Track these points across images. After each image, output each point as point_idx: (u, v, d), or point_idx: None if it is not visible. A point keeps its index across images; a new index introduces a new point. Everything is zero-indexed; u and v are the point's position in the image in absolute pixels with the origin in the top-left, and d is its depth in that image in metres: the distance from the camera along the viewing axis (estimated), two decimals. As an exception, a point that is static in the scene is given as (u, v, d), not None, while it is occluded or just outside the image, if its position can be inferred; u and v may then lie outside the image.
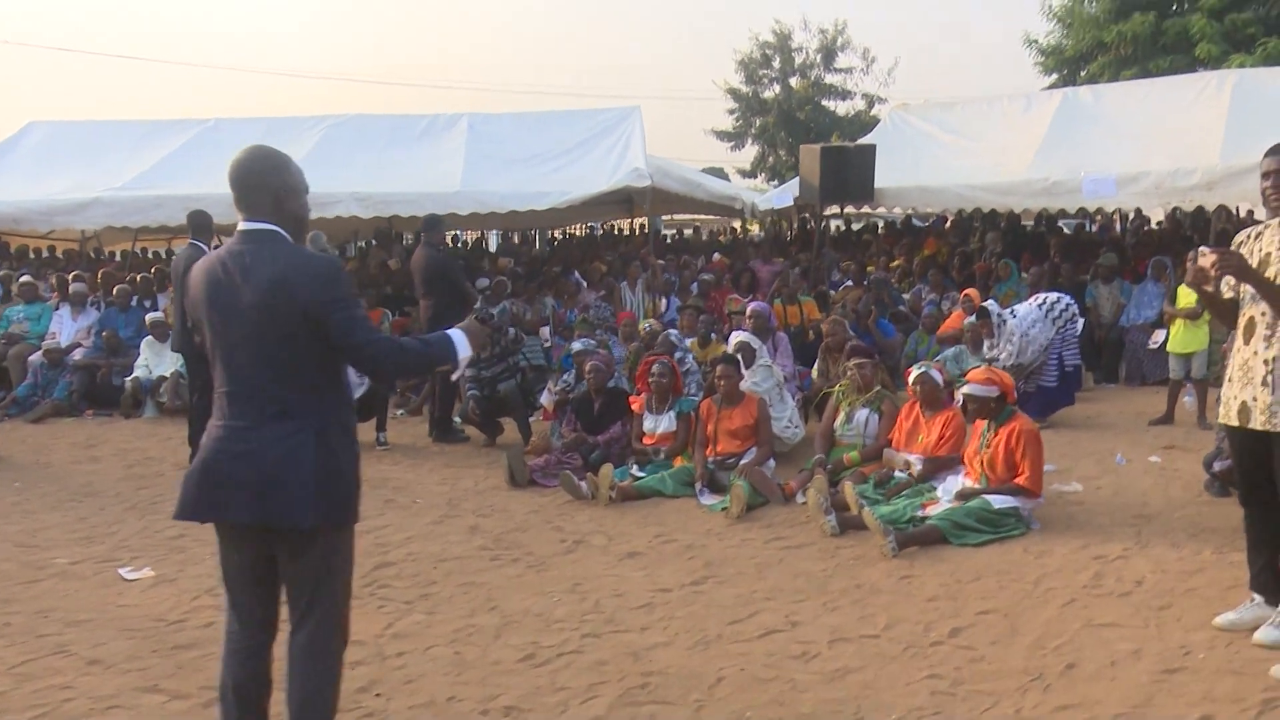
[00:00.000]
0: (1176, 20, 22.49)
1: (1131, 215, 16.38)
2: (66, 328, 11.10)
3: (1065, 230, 16.35)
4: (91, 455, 8.32)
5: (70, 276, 11.94)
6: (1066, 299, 8.71)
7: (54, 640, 4.33)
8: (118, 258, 16.26)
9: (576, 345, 8.30)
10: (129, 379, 10.24)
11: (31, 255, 16.32)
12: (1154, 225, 16.21)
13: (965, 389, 5.88)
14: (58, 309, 11.40)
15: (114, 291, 11.42)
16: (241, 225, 2.93)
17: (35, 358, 10.61)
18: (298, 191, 2.99)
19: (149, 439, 8.94)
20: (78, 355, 10.70)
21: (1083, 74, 24.13)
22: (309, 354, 2.86)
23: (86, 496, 6.90)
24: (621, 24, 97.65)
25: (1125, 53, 22.96)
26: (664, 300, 12.04)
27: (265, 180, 2.93)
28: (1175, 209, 14.43)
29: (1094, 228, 18.03)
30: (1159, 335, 9.66)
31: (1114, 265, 11.28)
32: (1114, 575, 4.88)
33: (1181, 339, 8.36)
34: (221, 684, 3.00)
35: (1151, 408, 8.84)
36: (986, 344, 8.54)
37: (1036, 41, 26.38)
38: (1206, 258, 3.78)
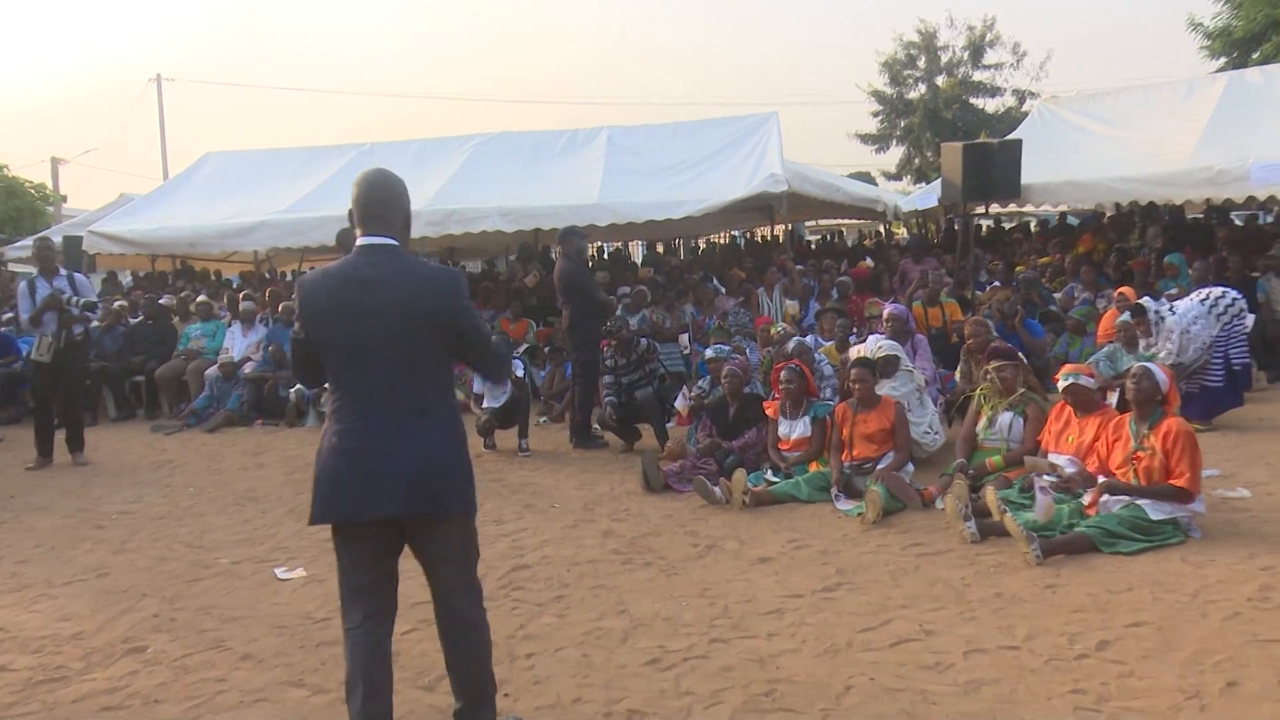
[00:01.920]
0: (1362, -8, 20.75)
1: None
2: (238, 343, 11.76)
3: (1237, 222, 15.25)
4: (258, 462, 8.78)
5: (240, 295, 12.68)
6: (1232, 293, 8.09)
7: (212, 635, 4.57)
8: (288, 277, 17.19)
9: (709, 352, 8.24)
10: (293, 390, 10.76)
11: (212, 277, 17.47)
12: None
13: (1147, 366, 5.51)
14: (230, 326, 12.09)
15: (279, 308, 12.04)
16: (367, 240, 3.09)
17: (211, 372, 11.30)
18: (411, 213, 3.24)
19: (309, 447, 9.29)
20: (248, 369, 11.32)
21: (1255, 56, 22.49)
22: (439, 355, 3.10)
23: (250, 501, 7.28)
24: (762, 31, 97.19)
25: (1305, 30, 21.32)
26: (801, 304, 11.84)
27: (400, 202, 3.16)
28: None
29: (1269, 219, 16.77)
30: (1341, 330, 8.89)
31: (1289, 257, 10.44)
32: (1285, 588, 4.49)
33: (1366, 334, 7.66)
34: (349, 677, 3.10)
35: (1333, 408, 8.15)
36: (1143, 343, 8.04)
37: (1202, 24, 24.82)
38: None
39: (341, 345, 3.04)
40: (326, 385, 3.17)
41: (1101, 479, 5.48)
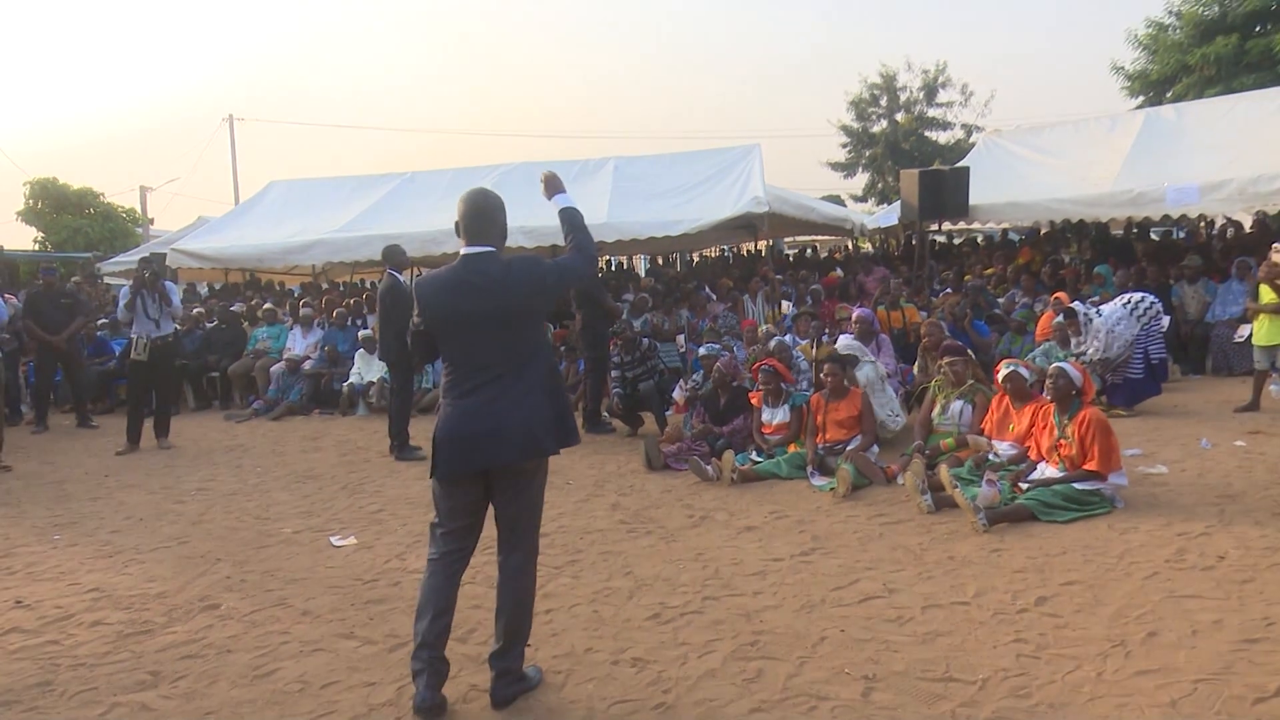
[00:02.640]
0: (1260, 40, 20.46)
1: (1220, 221, 15.09)
2: (298, 344, 11.74)
3: (1154, 237, 15.21)
4: (316, 446, 8.76)
5: (300, 303, 12.66)
6: (1150, 298, 8.05)
7: (277, 594, 4.54)
8: (341, 287, 17.16)
9: (703, 350, 8.21)
10: (345, 384, 10.76)
11: (276, 287, 17.43)
12: (1247, 230, 14.88)
13: (1061, 365, 5.50)
14: (292, 329, 12.07)
15: (334, 314, 12.03)
16: (471, 249, 3.20)
17: (277, 368, 11.27)
18: (507, 223, 3.35)
19: (359, 432, 9.36)
20: (307, 366, 11.30)
21: (1168, 96, 22.33)
22: (532, 328, 3.23)
23: (309, 479, 7.25)
24: (746, 74, 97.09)
25: (1209, 74, 21.14)
26: (779, 307, 11.79)
27: (496, 216, 3.26)
28: (1262, 214, 13.23)
29: (1181, 234, 16.72)
30: (1244, 329, 8.80)
31: (1198, 266, 10.38)
32: (1197, 551, 4.45)
33: (1266, 332, 7.59)
34: (421, 601, 3.17)
35: (1237, 396, 8.09)
36: (1074, 341, 8.00)
37: (1123, 68, 24.62)
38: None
39: (452, 332, 3.16)
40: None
41: (1030, 478, 5.45)
